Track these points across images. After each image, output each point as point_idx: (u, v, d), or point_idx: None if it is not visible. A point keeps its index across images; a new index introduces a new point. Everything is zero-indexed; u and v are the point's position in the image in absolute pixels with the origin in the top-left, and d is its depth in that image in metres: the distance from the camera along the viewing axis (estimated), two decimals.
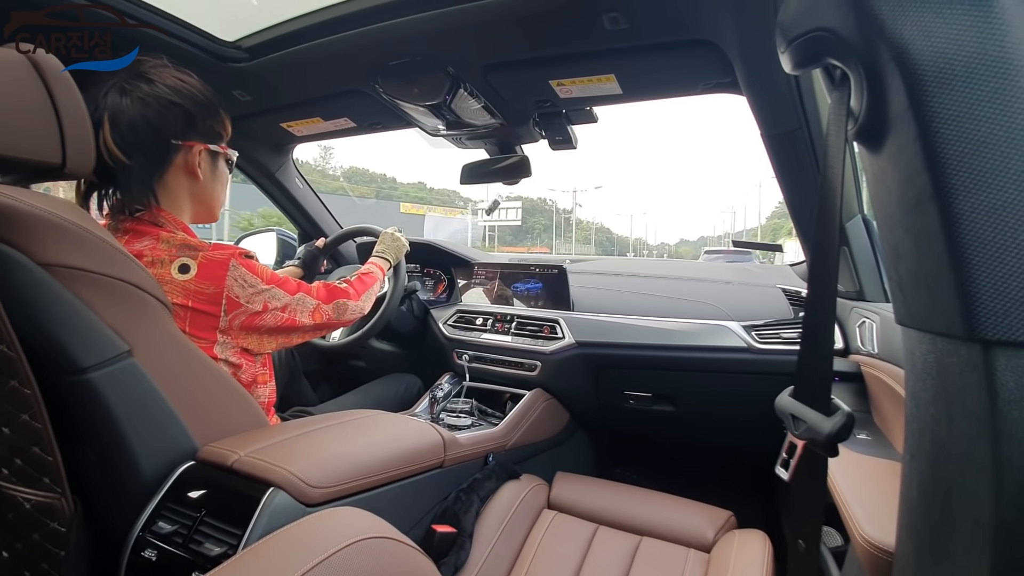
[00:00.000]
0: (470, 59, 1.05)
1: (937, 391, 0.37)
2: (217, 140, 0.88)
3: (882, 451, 0.86)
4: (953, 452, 0.36)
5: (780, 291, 1.37)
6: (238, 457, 0.66)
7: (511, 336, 1.48)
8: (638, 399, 1.40)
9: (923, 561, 0.40)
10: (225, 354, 0.81)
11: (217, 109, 0.86)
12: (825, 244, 0.45)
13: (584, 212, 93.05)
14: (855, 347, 1.09)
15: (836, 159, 0.43)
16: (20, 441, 0.58)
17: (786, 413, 0.49)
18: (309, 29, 1.02)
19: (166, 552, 0.61)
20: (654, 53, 0.96)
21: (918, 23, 0.33)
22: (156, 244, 0.78)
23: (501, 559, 0.96)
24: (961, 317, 0.33)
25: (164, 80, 0.79)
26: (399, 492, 0.81)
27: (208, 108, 0.84)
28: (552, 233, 75.36)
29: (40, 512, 0.60)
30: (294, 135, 1.52)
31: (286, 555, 0.46)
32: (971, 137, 0.32)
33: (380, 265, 1.24)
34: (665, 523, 1.06)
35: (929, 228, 0.34)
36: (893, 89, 0.35)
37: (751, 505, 1.41)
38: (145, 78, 0.78)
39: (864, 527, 0.63)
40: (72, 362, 0.59)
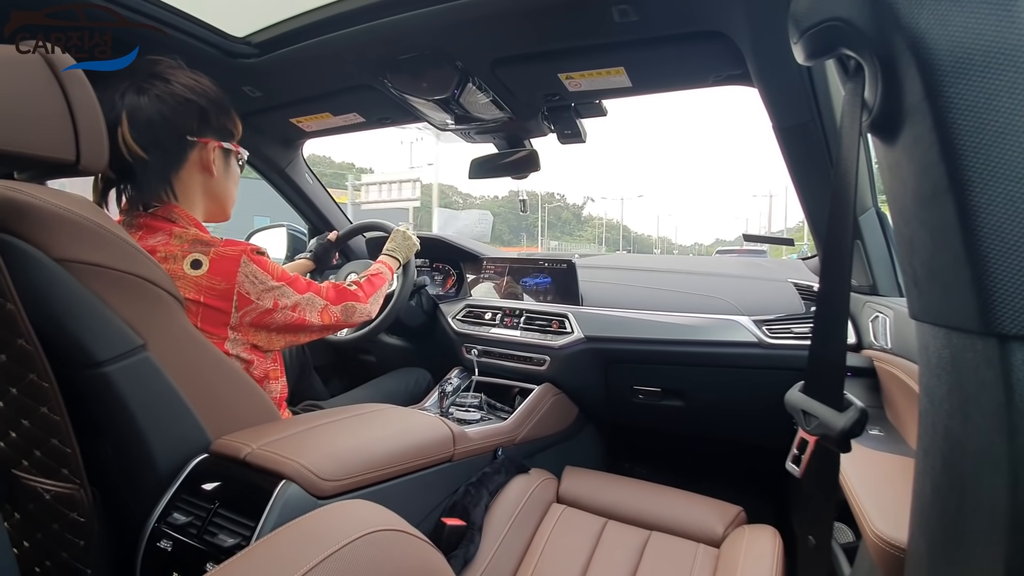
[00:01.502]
0: (479, 53, 1.04)
1: (952, 386, 0.37)
2: (230, 138, 0.89)
3: (895, 447, 0.85)
4: (968, 448, 0.36)
5: (791, 285, 1.36)
6: (251, 450, 0.67)
7: (520, 331, 1.48)
8: (647, 394, 1.40)
9: (936, 558, 0.40)
10: (236, 350, 0.82)
11: (229, 108, 0.88)
12: (838, 238, 0.44)
13: (596, 208, 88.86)
14: (868, 342, 1.07)
15: (850, 151, 0.42)
16: (39, 433, 0.59)
17: (797, 409, 0.49)
18: (319, 24, 1.02)
19: (181, 543, 0.62)
20: (664, 45, 0.95)
21: (934, 12, 0.32)
22: (169, 240, 0.79)
23: (510, 553, 0.96)
24: (977, 311, 0.32)
25: (179, 79, 0.81)
26: (409, 485, 0.82)
27: (221, 106, 0.86)
28: (546, 231, 71.12)
29: (60, 503, 0.62)
30: (304, 130, 1.53)
31: (298, 547, 0.46)
32: (989, 128, 0.31)
33: (390, 265, 1.24)
34: (675, 518, 1.06)
35: (945, 221, 0.34)
36: (908, 79, 0.34)
37: (761, 500, 1.40)
38: (161, 77, 0.80)
39: (876, 523, 0.63)
40: (88, 356, 0.60)
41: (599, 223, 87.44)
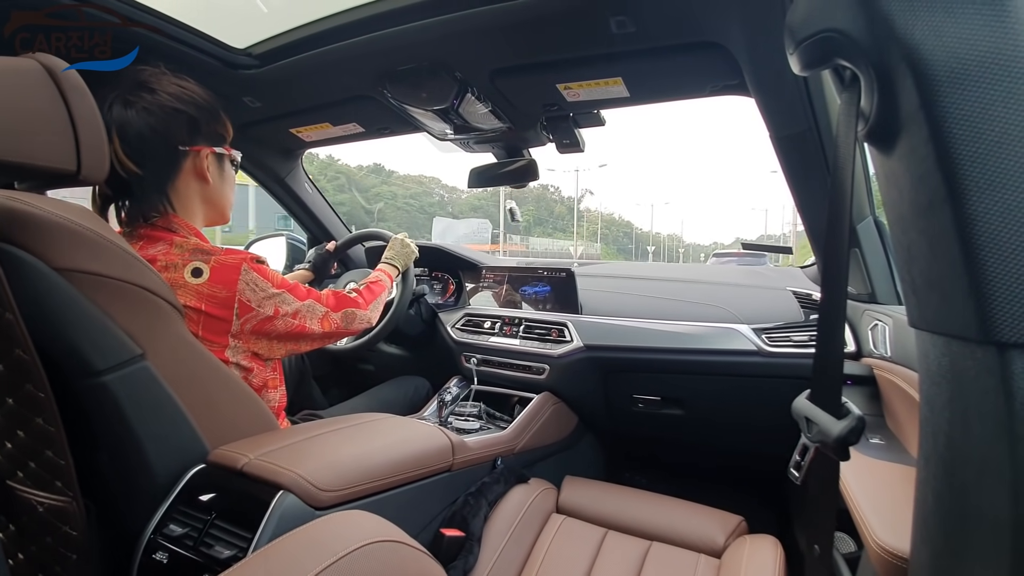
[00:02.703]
0: (477, 64, 1.05)
1: (952, 395, 0.37)
2: (221, 142, 0.89)
3: (896, 456, 0.84)
4: (969, 457, 0.35)
5: (790, 293, 1.36)
6: (248, 460, 0.67)
7: (519, 339, 1.47)
8: (647, 403, 1.40)
9: (939, 568, 0.39)
10: (236, 358, 0.82)
11: (218, 112, 0.87)
12: (835, 246, 0.44)
13: (592, 201, 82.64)
14: (868, 350, 1.07)
15: (846, 160, 0.42)
16: (34, 445, 0.59)
17: (801, 416, 0.49)
18: (318, 36, 1.03)
19: (177, 555, 0.61)
20: (661, 56, 0.96)
21: (929, 23, 0.33)
22: (170, 249, 0.79)
23: (510, 563, 0.95)
24: (976, 319, 0.32)
25: (165, 88, 0.81)
26: (408, 496, 0.81)
27: (210, 112, 0.85)
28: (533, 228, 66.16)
29: (53, 515, 0.61)
30: (303, 140, 1.54)
31: (295, 558, 0.46)
32: (985, 137, 0.32)
33: (389, 273, 1.25)
34: (675, 528, 1.05)
35: (943, 230, 0.34)
36: (904, 90, 0.34)
37: (763, 510, 1.39)
38: (147, 87, 0.79)
39: (878, 533, 0.62)
40: (87, 365, 0.60)
41: (595, 217, 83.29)
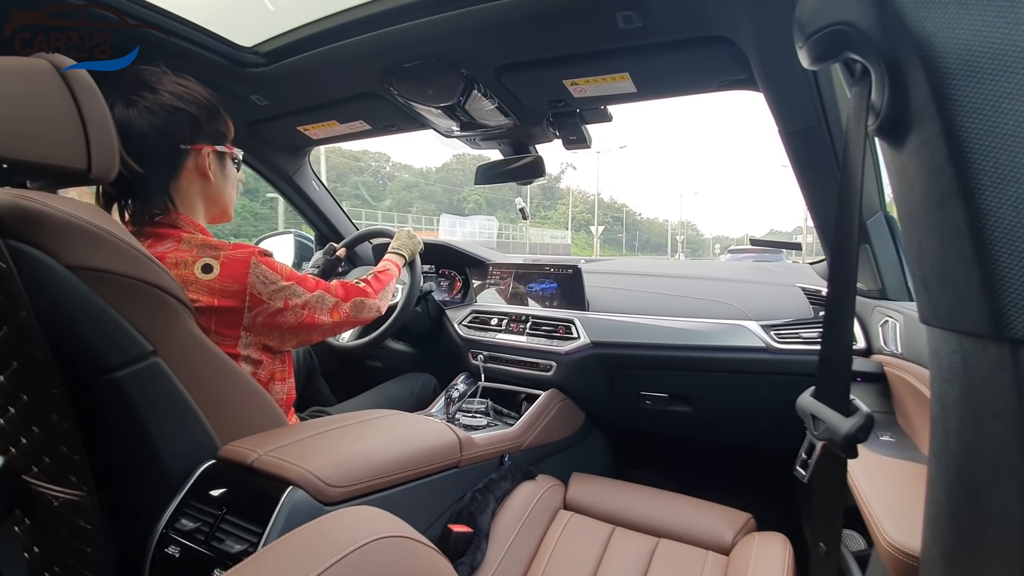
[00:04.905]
0: (484, 60, 1.05)
1: (964, 392, 0.36)
2: (222, 141, 0.89)
3: (907, 453, 0.84)
4: (981, 454, 0.35)
5: (799, 290, 1.35)
6: (258, 456, 0.67)
7: (526, 336, 1.48)
8: (654, 399, 1.39)
9: (951, 566, 0.39)
10: (247, 351, 0.83)
11: (219, 110, 0.88)
12: (844, 241, 0.44)
13: (574, 178, 63.70)
14: (878, 347, 1.06)
15: (856, 155, 0.42)
16: (48, 440, 0.60)
17: (807, 413, 0.49)
18: (325, 33, 1.04)
19: (189, 549, 0.62)
20: (669, 51, 0.95)
21: (941, 15, 0.32)
22: (178, 246, 0.80)
23: (517, 559, 0.96)
24: (988, 315, 0.32)
25: (166, 87, 0.81)
26: (415, 492, 0.82)
27: (211, 110, 0.86)
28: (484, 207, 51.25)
29: (67, 509, 0.62)
30: (311, 138, 1.54)
31: (305, 553, 0.46)
32: (998, 131, 0.31)
33: (396, 262, 1.26)
34: (683, 525, 1.05)
35: (955, 225, 0.33)
36: (916, 83, 0.34)
37: (771, 507, 1.38)
38: (148, 87, 0.80)
39: (888, 531, 0.62)
40: (99, 362, 0.61)
41: (578, 197, 67.65)
